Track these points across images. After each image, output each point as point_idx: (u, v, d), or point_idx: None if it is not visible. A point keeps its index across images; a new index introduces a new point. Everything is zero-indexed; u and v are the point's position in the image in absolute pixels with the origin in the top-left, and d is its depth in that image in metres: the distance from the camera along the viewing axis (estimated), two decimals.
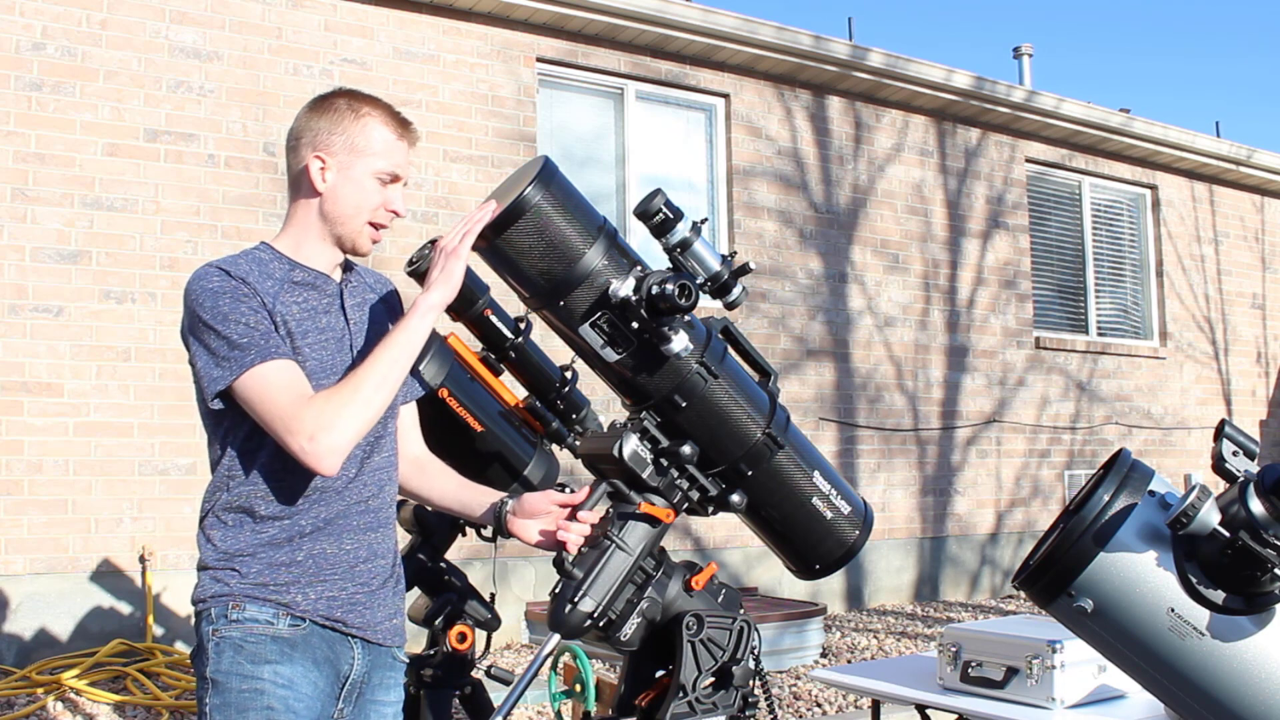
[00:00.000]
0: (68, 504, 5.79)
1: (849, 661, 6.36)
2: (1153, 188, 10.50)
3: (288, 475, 1.99)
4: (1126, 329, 10.35)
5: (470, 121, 7.05)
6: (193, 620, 2.02)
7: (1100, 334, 10.07)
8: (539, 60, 7.35)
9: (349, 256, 2.16)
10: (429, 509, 2.70)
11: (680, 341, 1.97)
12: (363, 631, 2.05)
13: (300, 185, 2.10)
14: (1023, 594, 5.47)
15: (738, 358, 2.18)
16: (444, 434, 2.61)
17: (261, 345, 1.93)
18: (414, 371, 2.26)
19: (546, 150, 7.28)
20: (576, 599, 1.98)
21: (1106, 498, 1.55)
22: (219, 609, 1.95)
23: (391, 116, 2.11)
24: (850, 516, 2.24)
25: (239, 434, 2.01)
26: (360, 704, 2.07)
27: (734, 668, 2.10)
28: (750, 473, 2.13)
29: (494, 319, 2.70)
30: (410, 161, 2.14)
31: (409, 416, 2.28)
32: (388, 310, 2.21)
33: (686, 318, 2.01)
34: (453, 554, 2.94)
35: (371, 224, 2.09)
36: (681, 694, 2.06)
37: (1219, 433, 1.52)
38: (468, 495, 2.26)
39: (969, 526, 8.96)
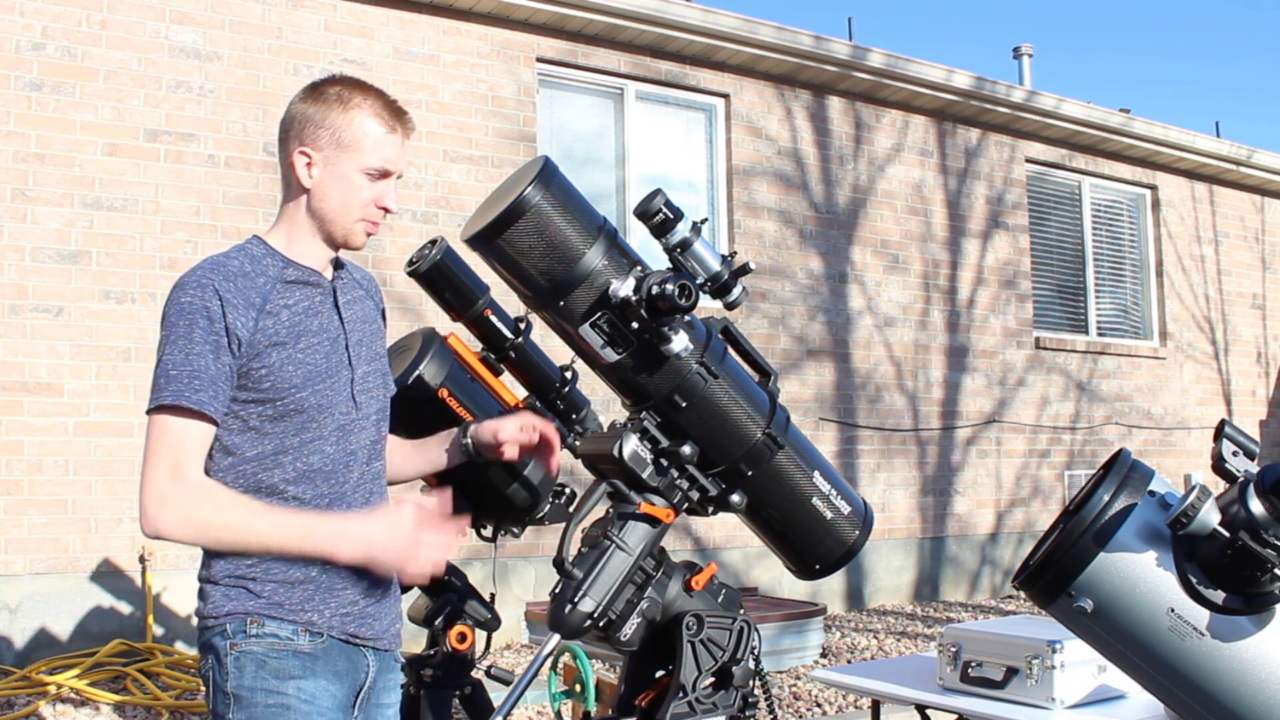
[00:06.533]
0: (68, 504, 5.79)
1: (849, 661, 6.36)
2: (1153, 188, 10.49)
3: (291, 485, 1.95)
4: (1126, 329, 10.35)
5: (470, 121, 7.05)
6: (199, 634, 1.97)
7: (1100, 334, 10.07)
8: (539, 60, 7.35)
9: (341, 252, 2.08)
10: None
11: (680, 341, 1.98)
12: (375, 642, 2.04)
13: (289, 179, 2.02)
14: (1023, 594, 5.47)
15: (738, 358, 2.18)
16: None
17: (179, 387, 1.85)
18: (414, 366, 2.25)
19: (546, 150, 7.28)
20: (576, 599, 1.98)
21: (1106, 498, 1.55)
22: (235, 625, 1.91)
23: (384, 108, 2.01)
24: (850, 516, 2.24)
25: (236, 436, 1.94)
26: (367, 709, 2.06)
27: (734, 668, 2.10)
28: (750, 473, 2.13)
29: (494, 319, 2.69)
30: (405, 154, 2.04)
31: None
32: (375, 307, 2.18)
33: (686, 318, 2.01)
34: (452, 554, 2.93)
35: (364, 220, 2.01)
36: (681, 694, 2.06)
37: (1219, 433, 1.52)
38: (432, 453, 2.29)
39: (969, 526, 8.96)
